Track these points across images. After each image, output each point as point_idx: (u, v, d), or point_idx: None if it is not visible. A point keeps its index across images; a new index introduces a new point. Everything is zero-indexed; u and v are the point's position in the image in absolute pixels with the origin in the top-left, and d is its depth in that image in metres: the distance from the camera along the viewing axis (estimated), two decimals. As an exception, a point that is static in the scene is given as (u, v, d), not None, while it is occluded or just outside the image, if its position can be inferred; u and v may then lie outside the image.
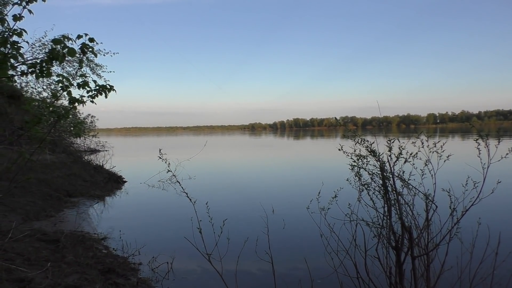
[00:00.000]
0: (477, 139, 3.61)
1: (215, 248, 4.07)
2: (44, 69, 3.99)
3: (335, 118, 4.43)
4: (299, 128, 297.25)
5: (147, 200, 13.40)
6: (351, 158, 4.20)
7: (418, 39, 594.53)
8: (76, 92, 5.42)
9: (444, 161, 3.85)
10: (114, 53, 18.28)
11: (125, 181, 17.02)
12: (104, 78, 18.49)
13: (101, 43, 18.19)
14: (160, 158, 3.97)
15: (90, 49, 5.77)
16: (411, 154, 3.95)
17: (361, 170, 4.20)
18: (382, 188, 4.08)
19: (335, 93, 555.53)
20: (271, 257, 4.15)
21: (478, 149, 3.60)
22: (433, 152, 3.87)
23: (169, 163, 3.98)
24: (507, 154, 3.58)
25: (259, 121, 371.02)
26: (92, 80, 5.97)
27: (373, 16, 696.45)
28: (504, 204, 10.45)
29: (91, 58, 17.49)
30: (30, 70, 4.00)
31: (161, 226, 9.69)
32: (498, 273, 3.82)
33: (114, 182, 16.43)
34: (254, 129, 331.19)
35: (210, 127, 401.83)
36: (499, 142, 3.50)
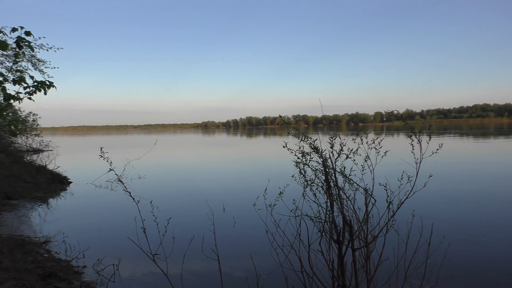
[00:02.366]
0: (410, 136, 3.81)
1: (162, 248, 4.01)
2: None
3: (280, 115, 4.49)
4: (252, 126, 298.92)
5: (94, 201, 12.96)
6: (295, 155, 4.29)
7: (365, 40, 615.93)
8: (12, 88, 5.15)
9: (382, 157, 4.02)
10: (58, 48, 17.46)
11: (71, 182, 16.36)
12: (48, 74, 17.58)
13: (44, 37, 17.29)
14: (102, 156, 3.84)
15: (27, 43, 5.48)
16: (351, 150, 4.10)
17: (306, 166, 4.30)
18: (325, 183, 4.20)
19: (288, 91, 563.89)
20: (217, 255, 4.15)
21: (412, 145, 3.80)
22: (371, 149, 4.04)
23: (111, 162, 3.86)
24: (438, 149, 3.81)
25: (212, 120, 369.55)
26: (29, 76, 5.68)
27: (322, 18, 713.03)
28: (435, 197, 11.15)
29: (34, 53, 16.60)
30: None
31: (107, 227, 9.41)
32: (430, 262, 4.05)
33: (58, 183, 15.75)
34: (207, 127, 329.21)
35: (162, 126, 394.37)
36: (430, 138, 3.71)
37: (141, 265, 6.35)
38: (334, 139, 4.11)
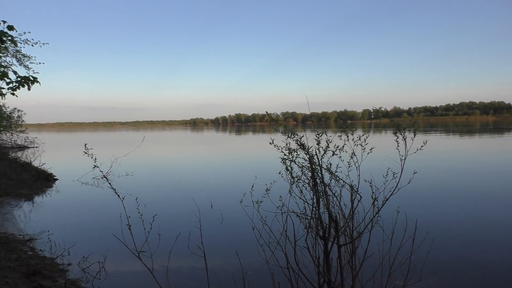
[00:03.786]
0: (395, 133, 3.83)
1: (147, 245, 3.98)
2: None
3: (266, 112, 4.48)
4: (241, 124, 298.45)
5: (79, 198, 12.83)
6: (282, 151, 4.29)
7: (353, 39, 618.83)
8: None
9: (368, 154, 4.05)
10: (43, 44, 17.22)
11: (56, 179, 16.17)
12: (33, 70, 17.32)
13: (29, 32, 17.02)
14: (86, 153, 3.79)
15: (10, 38, 5.38)
16: (337, 147, 4.11)
17: (292, 163, 4.31)
18: (311, 180, 4.21)
19: (277, 89, 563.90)
20: (203, 252, 4.14)
21: (397, 142, 3.83)
22: (357, 145, 4.06)
23: (95, 159, 3.81)
24: (422, 146, 3.85)
25: (201, 117, 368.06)
26: (13, 71, 5.57)
27: (309, 17, 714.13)
28: (419, 193, 11.31)
29: (18, 49, 16.34)
30: None
31: (93, 224, 9.33)
32: (414, 258, 4.10)
33: (43, 180, 15.57)
34: (196, 124, 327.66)
35: (150, 123, 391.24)
36: (414, 135, 3.74)
37: (127, 262, 6.31)
38: (321, 136, 4.11)
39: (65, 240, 7.51)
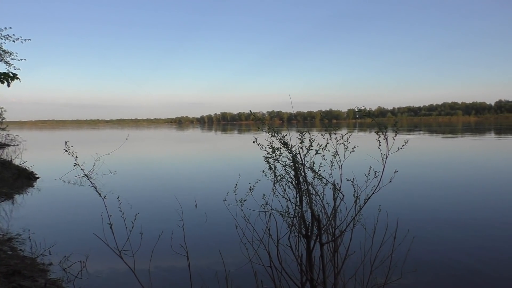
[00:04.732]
0: (377, 132, 3.87)
1: (130, 244, 3.95)
2: None
3: (250, 111, 4.47)
4: (227, 122, 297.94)
5: (61, 197, 12.65)
6: (265, 150, 4.29)
7: (338, 38, 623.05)
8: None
9: (350, 153, 4.08)
10: (25, 39, 16.95)
11: (38, 178, 15.92)
12: (14, 66, 17.01)
13: (10, 27, 16.71)
14: (66, 151, 3.74)
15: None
16: (320, 146, 4.13)
17: (276, 162, 4.31)
18: (294, 179, 4.23)
19: (263, 88, 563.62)
20: (186, 251, 4.12)
21: (379, 141, 3.87)
22: (340, 144, 4.08)
23: (76, 157, 3.76)
24: (403, 146, 3.89)
25: (187, 115, 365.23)
26: (-10, 67, 5.46)
27: (295, 17, 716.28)
28: (401, 192, 11.48)
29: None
30: None
31: (75, 223, 9.21)
32: (395, 256, 4.15)
33: (25, 178, 15.32)
34: (181, 122, 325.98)
35: (135, 121, 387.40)
36: (396, 135, 3.78)
37: (110, 262, 6.24)
38: (304, 134, 4.13)
39: (46, 240, 7.40)
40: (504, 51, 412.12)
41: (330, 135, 4.10)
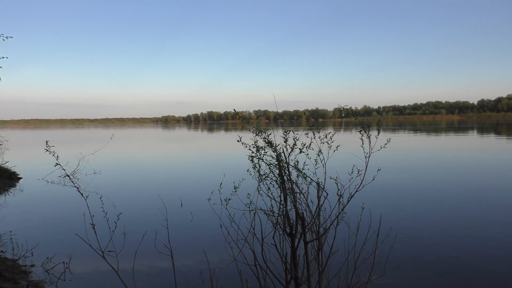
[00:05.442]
0: (360, 131, 3.91)
1: (113, 244, 3.91)
2: None
3: (234, 109, 4.47)
4: (213, 121, 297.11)
5: (44, 197, 12.45)
6: (250, 149, 4.29)
7: (323, 37, 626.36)
8: None
9: (334, 151, 4.11)
10: (7, 37, 16.60)
11: (20, 178, 15.67)
12: (-5, 65, 16.65)
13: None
14: (47, 150, 3.68)
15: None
16: (304, 145, 4.16)
17: (260, 161, 4.32)
18: (278, 178, 4.24)
19: (250, 86, 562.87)
20: (170, 250, 4.10)
21: (362, 139, 3.91)
22: (324, 143, 4.11)
23: (57, 156, 3.71)
24: (386, 144, 3.94)
25: (173, 114, 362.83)
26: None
27: (282, 13, 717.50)
28: (384, 190, 11.63)
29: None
30: None
31: (58, 224, 9.08)
32: (378, 253, 4.20)
33: (6, 179, 15.06)
34: (167, 122, 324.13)
35: (120, 120, 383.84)
36: (378, 133, 3.83)
37: (93, 263, 6.18)
38: (288, 133, 4.14)
39: (28, 241, 7.29)
40: (486, 51, 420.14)
41: (314, 134, 4.13)
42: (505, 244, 6.94)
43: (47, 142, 3.71)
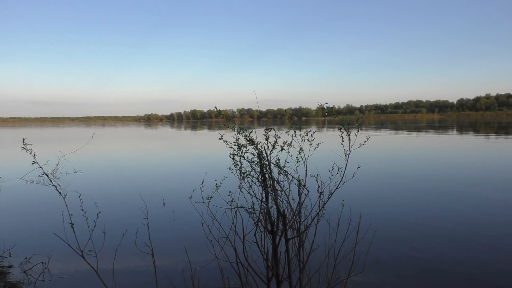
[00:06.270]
0: (340, 129, 3.95)
1: (93, 244, 3.86)
2: None
3: (215, 107, 4.46)
4: (197, 120, 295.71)
5: (22, 197, 12.20)
6: (231, 147, 4.29)
7: (307, 36, 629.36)
8: None
9: (315, 149, 4.14)
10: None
11: (-2, 177, 15.28)
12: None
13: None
14: (24, 148, 3.60)
15: None
16: (285, 142, 4.18)
17: (242, 159, 4.32)
18: (260, 175, 4.25)
19: (233, 85, 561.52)
20: (151, 249, 4.07)
21: (342, 137, 3.95)
22: (304, 141, 4.14)
23: (34, 154, 3.64)
24: (365, 142, 3.99)
25: (155, 112, 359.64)
26: None
27: (264, 13, 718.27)
28: (363, 187, 11.78)
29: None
30: None
31: (37, 224, 8.91)
32: (358, 249, 4.25)
33: (-17, 178, 14.64)
34: (150, 120, 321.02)
35: (102, 118, 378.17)
36: (358, 131, 3.87)
37: (72, 262, 6.09)
38: (269, 131, 4.16)
39: (5, 241, 7.13)
40: (465, 51, 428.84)
41: (295, 132, 4.15)
42: (482, 239, 7.11)
43: (23, 140, 3.63)
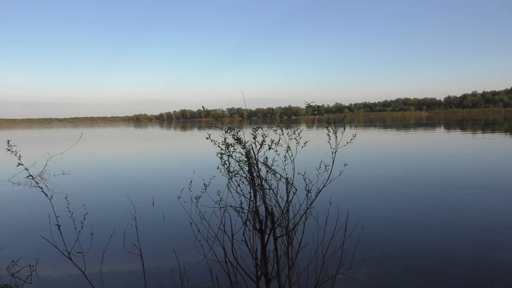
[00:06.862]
0: (327, 127, 3.97)
1: (80, 245, 3.83)
2: None
3: (203, 107, 4.45)
4: (187, 120, 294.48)
5: (9, 199, 12.03)
6: (219, 146, 4.29)
7: (296, 35, 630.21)
8: None
9: (302, 147, 4.16)
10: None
11: (-17, 180, 15.07)
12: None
13: None
14: (9, 150, 3.56)
15: None
16: (273, 141, 4.19)
17: (230, 158, 4.32)
18: (248, 174, 4.26)
19: (223, 84, 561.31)
20: (140, 250, 4.05)
21: (328, 135, 3.97)
22: (292, 139, 4.15)
23: (20, 156, 3.59)
24: (352, 140, 4.02)
25: (145, 112, 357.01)
26: None
27: (253, 12, 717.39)
28: (351, 184, 11.86)
29: None
30: None
31: (24, 226, 8.81)
32: (346, 247, 4.28)
33: (-31, 181, 14.43)
34: (139, 120, 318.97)
35: (90, 119, 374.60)
36: (344, 129, 3.90)
37: (60, 265, 6.04)
38: (257, 130, 4.16)
39: (-9, 245, 7.04)
40: (451, 50, 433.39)
41: (282, 131, 4.16)
42: (468, 236, 7.21)
43: (8, 141, 3.59)
